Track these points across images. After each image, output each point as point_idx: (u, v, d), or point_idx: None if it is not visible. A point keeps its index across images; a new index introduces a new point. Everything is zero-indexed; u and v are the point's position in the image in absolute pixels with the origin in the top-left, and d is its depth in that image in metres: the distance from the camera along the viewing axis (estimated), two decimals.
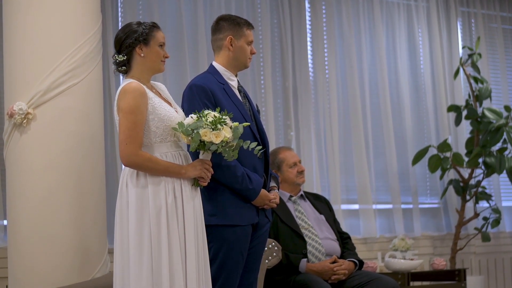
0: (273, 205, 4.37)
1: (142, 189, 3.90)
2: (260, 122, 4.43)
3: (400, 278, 6.53)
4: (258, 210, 4.34)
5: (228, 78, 4.39)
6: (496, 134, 7.21)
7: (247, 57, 4.42)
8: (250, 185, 4.24)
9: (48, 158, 4.86)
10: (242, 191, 4.23)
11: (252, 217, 4.30)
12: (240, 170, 4.21)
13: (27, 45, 4.93)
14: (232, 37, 4.38)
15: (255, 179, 4.27)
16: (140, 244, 3.85)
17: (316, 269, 5.52)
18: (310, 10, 7.30)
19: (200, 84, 4.28)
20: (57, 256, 4.82)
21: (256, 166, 4.33)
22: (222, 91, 4.31)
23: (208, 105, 4.20)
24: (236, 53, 4.40)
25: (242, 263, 4.27)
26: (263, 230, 4.39)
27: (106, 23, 6.18)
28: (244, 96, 4.45)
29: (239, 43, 4.39)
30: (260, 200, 4.30)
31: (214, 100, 4.25)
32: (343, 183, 7.27)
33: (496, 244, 8.02)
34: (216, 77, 4.36)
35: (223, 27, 4.41)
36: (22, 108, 4.85)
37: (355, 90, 7.32)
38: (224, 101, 4.27)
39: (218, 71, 4.39)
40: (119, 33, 4.08)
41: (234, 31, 4.39)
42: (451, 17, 7.99)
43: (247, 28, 4.42)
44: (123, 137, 3.90)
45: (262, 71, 6.96)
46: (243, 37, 4.40)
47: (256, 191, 4.26)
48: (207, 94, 4.25)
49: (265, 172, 4.41)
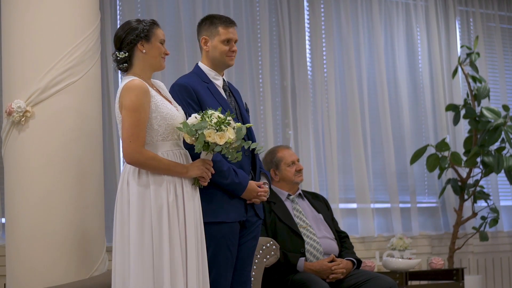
0: (262, 199, 4.39)
1: (144, 188, 3.91)
2: (247, 121, 4.47)
3: (398, 277, 6.53)
4: (247, 207, 4.36)
5: (212, 77, 4.45)
6: (494, 134, 7.21)
7: (223, 56, 4.44)
8: (236, 179, 4.26)
9: (46, 156, 4.85)
10: (229, 186, 4.26)
11: (239, 214, 4.32)
12: (226, 165, 4.24)
13: (25, 43, 4.92)
14: (207, 37, 4.45)
15: (241, 173, 4.30)
16: (141, 242, 3.85)
17: (314, 268, 5.51)
18: (309, 9, 7.29)
19: (182, 83, 4.34)
20: (55, 254, 4.81)
21: (242, 163, 4.36)
22: (205, 90, 4.36)
23: (190, 103, 4.26)
24: (211, 53, 4.45)
25: (232, 260, 4.29)
26: (252, 227, 4.41)
27: (104, 21, 6.18)
28: (230, 94, 4.48)
29: (213, 43, 4.44)
30: (248, 193, 4.32)
31: (198, 99, 4.29)
32: (341, 182, 7.27)
33: (494, 244, 8.02)
34: (201, 77, 4.42)
35: (201, 28, 4.50)
36: (20, 106, 4.84)
37: (353, 89, 7.32)
38: (207, 99, 4.32)
39: (203, 71, 4.46)
40: (118, 31, 4.08)
41: (208, 31, 4.45)
42: (450, 16, 7.99)
43: (223, 27, 4.44)
44: (126, 135, 3.90)
45: (261, 70, 6.96)
46: (217, 36, 4.44)
47: (243, 184, 4.28)
48: (189, 92, 4.29)
49: (252, 169, 4.44)
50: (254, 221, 4.41)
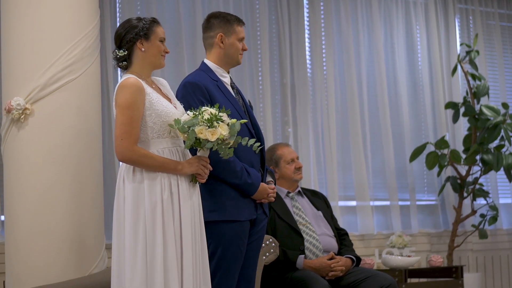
0: (271, 199, 4.38)
1: (138, 185, 3.90)
2: (254, 118, 4.45)
3: (397, 275, 6.53)
4: (256, 205, 4.35)
5: (220, 75, 4.42)
6: (494, 131, 7.22)
7: (238, 54, 4.44)
8: (249, 180, 4.25)
9: (46, 153, 4.85)
10: (242, 186, 4.24)
11: (250, 212, 4.31)
12: (239, 165, 4.22)
13: (25, 40, 4.92)
14: (223, 34, 4.40)
15: (253, 174, 4.28)
16: (135, 240, 3.85)
17: (313, 265, 5.51)
18: (308, 7, 7.29)
19: (195, 81, 4.29)
20: (54, 251, 4.81)
21: (253, 161, 4.34)
22: (216, 88, 4.33)
23: (203, 102, 4.21)
24: (227, 50, 4.41)
25: (241, 259, 4.27)
26: (261, 225, 4.40)
27: (104, 19, 6.17)
28: (237, 92, 4.47)
29: (229, 40, 4.41)
30: (259, 194, 4.31)
31: (210, 97, 4.26)
32: (341, 180, 7.27)
33: (493, 241, 8.02)
34: (209, 74, 4.38)
35: (213, 24, 4.43)
36: (20, 104, 4.84)
37: (353, 86, 7.32)
38: (219, 98, 4.28)
39: (210, 68, 4.41)
40: (119, 29, 4.08)
41: (224, 28, 4.40)
42: (449, 14, 7.99)
43: (238, 25, 4.43)
44: (118, 132, 3.90)
45: (260, 68, 6.96)
46: (234, 34, 4.41)
47: (255, 185, 4.27)
48: (202, 91, 4.26)
49: (261, 167, 4.42)
50: (262, 219, 4.41)
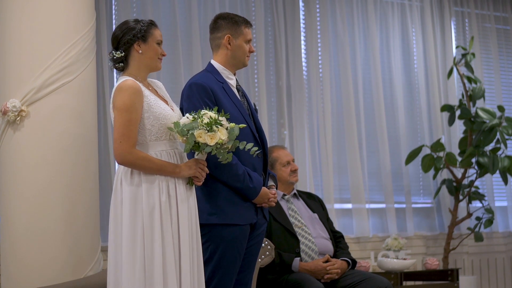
0: (272, 204, 4.36)
1: (136, 188, 3.90)
2: (258, 121, 4.43)
3: (393, 277, 6.53)
4: (257, 209, 4.33)
5: (226, 77, 4.39)
6: (490, 134, 7.22)
7: (245, 56, 4.42)
8: (251, 184, 4.23)
9: (42, 155, 4.85)
10: (243, 190, 4.23)
11: (251, 216, 4.29)
12: (241, 169, 4.21)
13: (21, 42, 4.92)
14: (230, 35, 4.38)
15: (255, 178, 4.26)
16: (133, 243, 3.84)
17: (309, 268, 5.51)
18: (304, 9, 7.29)
19: (201, 83, 4.26)
20: (50, 253, 4.81)
21: (255, 165, 4.32)
22: (221, 90, 4.30)
23: (208, 103, 4.19)
24: (234, 52, 4.39)
25: (238, 263, 4.26)
26: (260, 230, 4.38)
27: (100, 21, 6.17)
28: (242, 95, 4.44)
29: (237, 42, 4.39)
30: (260, 198, 4.30)
31: (215, 99, 4.24)
32: (336, 182, 7.27)
33: (489, 244, 8.03)
34: (215, 76, 4.35)
35: (221, 25, 4.40)
36: (15, 106, 4.84)
37: (349, 89, 7.32)
38: (224, 100, 4.26)
39: (217, 69, 4.39)
40: (116, 31, 4.07)
41: (232, 30, 4.39)
42: (445, 16, 8.00)
43: (245, 27, 4.42)
44: (117, 135, 3.89)
45: (256, 70, 6.96)
46: (241, 36, 4.40)
47: (257, 190, 4.26)
48: (208, 92, 4.23)
49: (263, 171, 4.41)
50: (262, 223, 4.39)
